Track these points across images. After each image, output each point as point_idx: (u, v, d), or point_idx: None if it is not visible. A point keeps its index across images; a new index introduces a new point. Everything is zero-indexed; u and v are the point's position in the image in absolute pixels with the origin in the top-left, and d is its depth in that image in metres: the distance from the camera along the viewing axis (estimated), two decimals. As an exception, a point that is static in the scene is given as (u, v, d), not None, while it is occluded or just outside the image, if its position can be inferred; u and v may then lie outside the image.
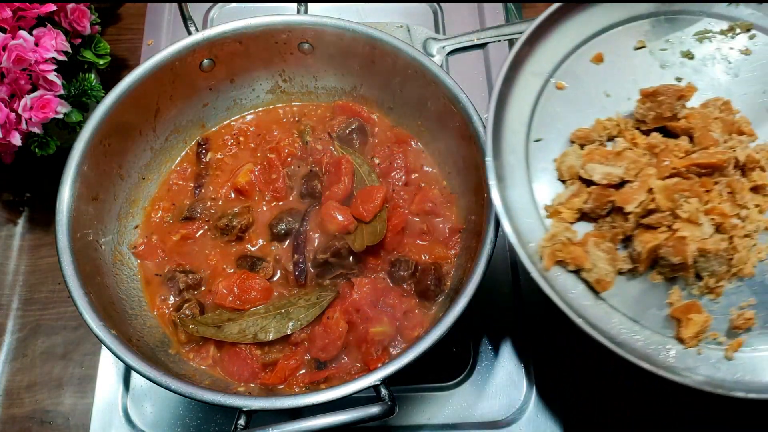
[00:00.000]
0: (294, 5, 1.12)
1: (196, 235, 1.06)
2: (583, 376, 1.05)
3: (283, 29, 1.08)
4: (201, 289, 1.02)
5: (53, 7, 1.06)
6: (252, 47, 1.09)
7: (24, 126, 1.02)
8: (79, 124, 1.06)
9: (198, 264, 1.04)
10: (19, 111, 1.01)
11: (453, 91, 1.00)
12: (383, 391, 0.80)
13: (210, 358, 0.96)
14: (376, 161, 1.10)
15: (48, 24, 1.06)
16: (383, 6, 1.39)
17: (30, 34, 1.02)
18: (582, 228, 0.88)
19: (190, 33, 1.06)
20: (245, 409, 0.80)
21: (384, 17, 1.36)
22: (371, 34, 1.05)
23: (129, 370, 1.06)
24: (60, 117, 1.05)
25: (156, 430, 1.02)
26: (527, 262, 0.81)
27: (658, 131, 0.92)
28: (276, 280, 1.02)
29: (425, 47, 1.29)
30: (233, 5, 1.40)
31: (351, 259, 1.01)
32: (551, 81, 0.95)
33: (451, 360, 1.06)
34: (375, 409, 0.78)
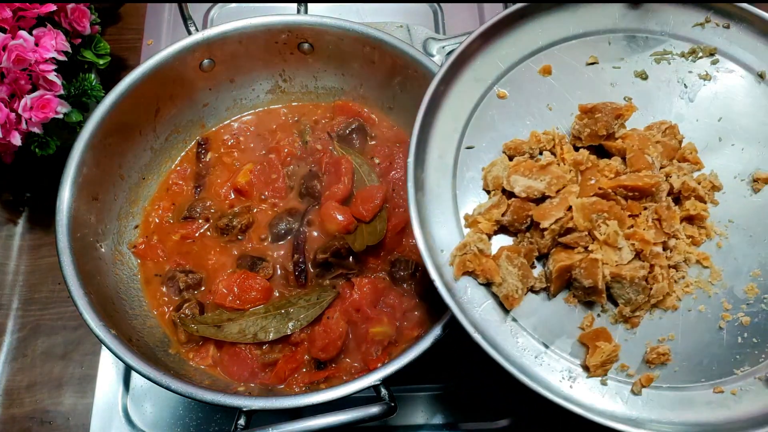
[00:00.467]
0: (294, 5, 1.12)
1: (195, 235, 1.06)
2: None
3: (283, 29, 1.08)
4: (201, 289, 1.02)
5: (53, 7, 1.06)
6: (252, 47, 1.09)
7: (24, 126, 1.02)
8: (79, 124, 1.05)
9: (198, 264, 1.04)
10: (19, 111, 1.01)
11: (453, 91, 1.00)
12: (383, 391, 0.81)
13: (210, 358, 0.96)
14: (375, 161, 1.10)
15: (48, 24, 1.06)
16: (383, 6, 1.39)
17: (30, 34, 1.02)
18: (503, 242, 0.85)
19: (190, 33, 1.06)
20: (245, 409, 0.80)
21: (384, 17, 1.36)
22: (371, 34, 1.05)
23: (129, 370, 1.06)
24: (60, 117, 1.05)
25: (156, 430, 1.02)
26: (432, 270, 0.78)
27: (594, 149, 0.87)
28: (276, 280, 1.02)
29: (425, 47, 1.29)
30: (233, 5, 1.41)
31: (351, 259, 1.01)
32: (494, 89, 0.90)
33: (451, 360, 1.06)
34: (375, 409, 0.78)
